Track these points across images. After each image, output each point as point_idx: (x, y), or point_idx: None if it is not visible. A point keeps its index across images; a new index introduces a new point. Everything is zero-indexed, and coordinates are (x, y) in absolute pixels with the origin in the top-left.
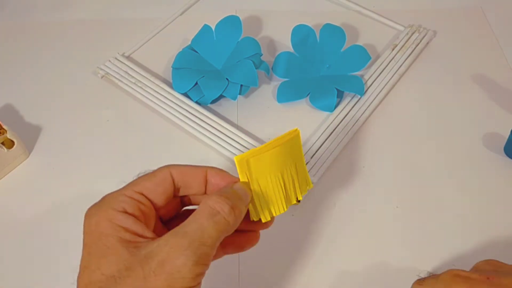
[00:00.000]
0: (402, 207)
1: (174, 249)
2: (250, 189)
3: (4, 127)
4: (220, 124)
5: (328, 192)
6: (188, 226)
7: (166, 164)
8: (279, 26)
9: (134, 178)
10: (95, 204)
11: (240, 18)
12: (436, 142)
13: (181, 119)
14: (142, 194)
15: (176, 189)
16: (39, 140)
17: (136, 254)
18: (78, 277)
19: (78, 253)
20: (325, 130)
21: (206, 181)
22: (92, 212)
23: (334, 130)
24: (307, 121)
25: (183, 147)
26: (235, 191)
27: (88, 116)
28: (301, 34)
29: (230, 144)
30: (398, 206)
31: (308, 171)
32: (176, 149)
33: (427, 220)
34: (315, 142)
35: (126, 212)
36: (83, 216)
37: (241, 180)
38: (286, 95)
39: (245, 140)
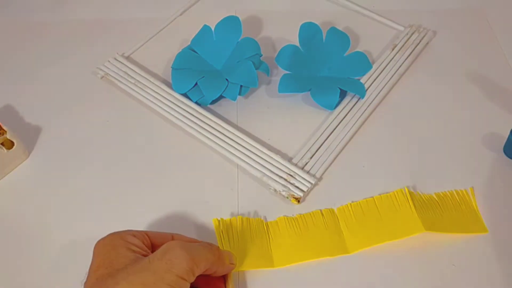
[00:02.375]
0: None
1: (174, 244)
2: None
3: (4, 127)
4: (220, 125)
5: (328, 191)
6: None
7: (165, 163)
8: (279, 27)
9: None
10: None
11: (240, 19)
12: (436, 142)
13: (180, 120)
14: (147, 235)
15: None
16: (39, 141)
17: (142, 257)
18: (88, 276)
19: (77, 253)
20: (325, 130)
21: None
22: (105, 237)
23: (334, 130)
24: (307, 121)
25: (183, 147)
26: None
27: (88, 117)
28: (308, 31)
29: (230, 145)
30: None
31: (308, 171)
32: (176, 149)
33: None
34: (315, 142)
35: (134, 236)
36: (83, 217)
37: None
38: (288, 86)
39: (245, 141)
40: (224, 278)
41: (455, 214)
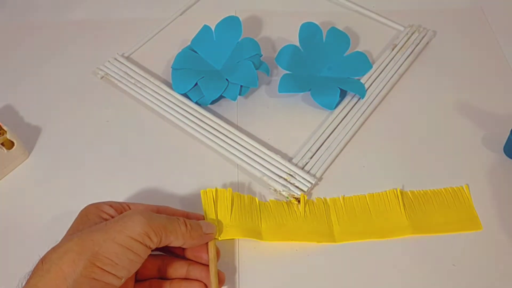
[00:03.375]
0: None
1: (134, 210)
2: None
3: (4, 127)
4: (220, 125)
5: (328, 191)
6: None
7: (165, 163)
8: (279, 27)
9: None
10: None
11: (240, 19)
12: (436, 142)
13: (181, 120)
14: (128, 206)
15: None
16: (39, 141)
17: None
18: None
19: None
20: (325, 130)
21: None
22: (85, 207)
23: (334, 130)
24: (307, 121)
25: (183, 147)
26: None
27: (88, 117)
28: (308, 31)
29: (230, 145)
30: None
31: (309, 171)
32: (176, 149)
33: None
34: (315, 142)
35: (111, 206)
36: None
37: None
38: (288, 86)
39: (245, 141)
40: (206, 245)
41: (448, 211)
